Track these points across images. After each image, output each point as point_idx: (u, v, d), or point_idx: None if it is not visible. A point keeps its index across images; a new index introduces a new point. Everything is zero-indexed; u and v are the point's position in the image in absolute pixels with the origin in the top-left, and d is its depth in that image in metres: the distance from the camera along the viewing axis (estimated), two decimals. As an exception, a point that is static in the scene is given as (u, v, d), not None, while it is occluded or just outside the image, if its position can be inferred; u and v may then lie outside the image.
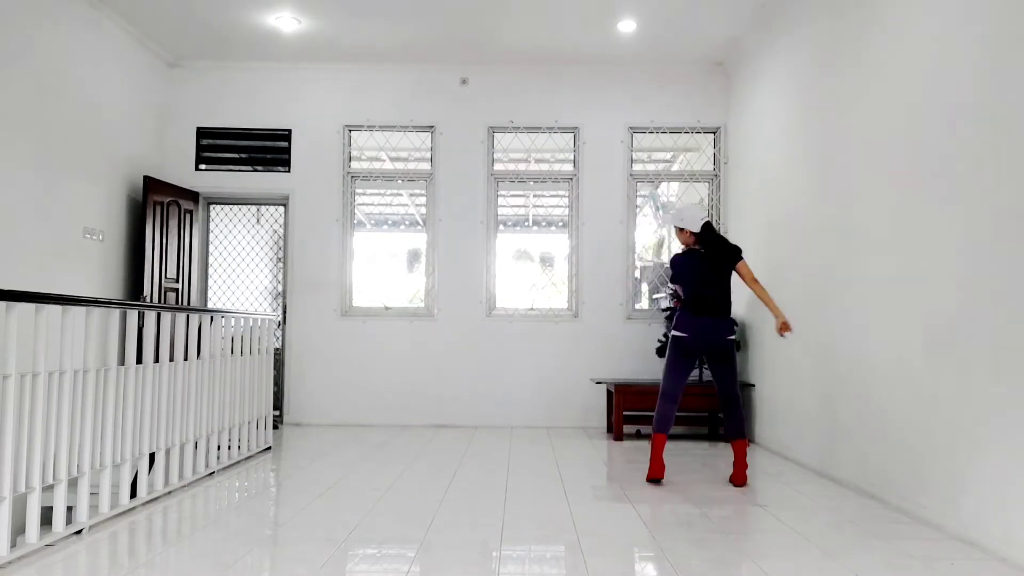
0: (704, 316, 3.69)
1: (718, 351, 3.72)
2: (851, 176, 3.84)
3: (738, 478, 3.75)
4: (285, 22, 5.38)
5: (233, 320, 4.33)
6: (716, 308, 3.70)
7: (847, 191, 3.88)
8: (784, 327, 3.66)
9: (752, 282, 3.72)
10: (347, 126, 6.23)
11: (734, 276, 3.80)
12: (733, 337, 3.74)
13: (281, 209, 6.37)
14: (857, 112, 3.79)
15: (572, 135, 6.25)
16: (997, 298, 2.68)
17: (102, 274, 5.25)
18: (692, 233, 3.79)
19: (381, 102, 6.18)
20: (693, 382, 5.51)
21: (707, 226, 3.81)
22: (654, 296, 6.53)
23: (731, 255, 3.75)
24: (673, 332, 3.75)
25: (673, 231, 3.89)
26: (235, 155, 6.24)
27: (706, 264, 3.75)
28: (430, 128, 6.24)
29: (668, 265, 3.94)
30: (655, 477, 3.76)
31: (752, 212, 5.48)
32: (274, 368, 5.24)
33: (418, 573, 2.39)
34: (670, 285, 5.90)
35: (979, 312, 2.78)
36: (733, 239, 5.88)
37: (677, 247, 6.16)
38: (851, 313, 3.79)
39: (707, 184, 6.22)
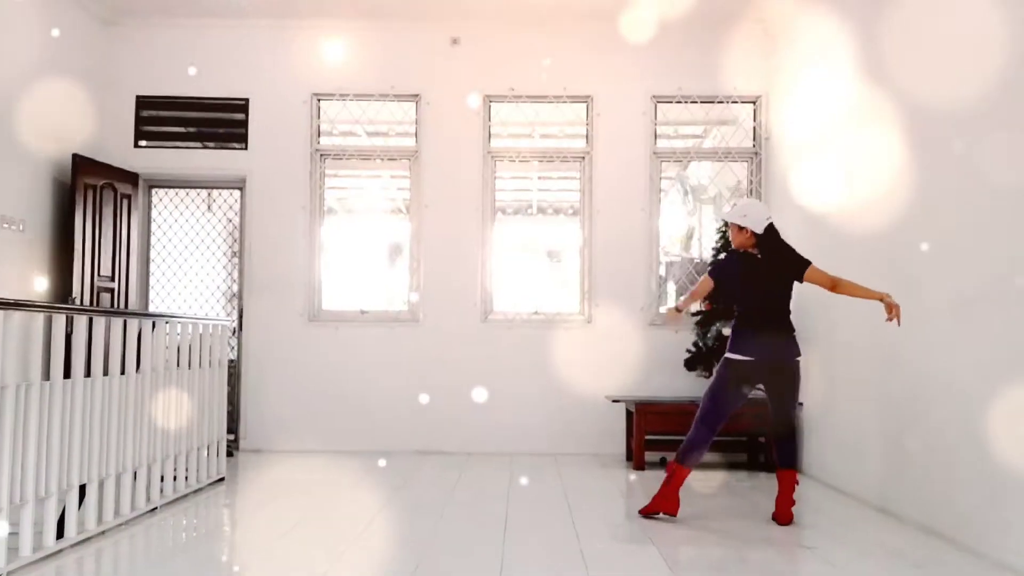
0: (769, 334, 3.72)
1: (783, 373, 3.76)
2: (929, 162, 3.75)
3: (782, 515, 3.76)
4: (242, -30, 5.41)
5: (179, 326, 4.33)
6: (781, 324, 3.75)
7: (922, 181, 3.81)
8: (892, 309, 3.55)
9: (835, 285, 3.71)
10: (315, 95, 6.23)
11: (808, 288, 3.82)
12: (800, 357, 3.78)
13: (237, 194, 6.36)
14: (937, 78, 3.70)
15: (584, 106, 6.24)
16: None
17: (23, 271, 5.23)
18: (753, 234, 3.78)
19: (356, 66, 6.18)
20: None
21: (771, 228, 3.82)
22: (682, 297, 6.53)
23: (797, 264, 3.75)
24: (730, 355, 3.74)
25: (730, 229, 3.90)
26: (182, 129, 6.22)
27: (768, 272, 3.76)
28: (414, 97, 6.23)
29: (712, 265, 3.93)
30: (660, 512, 3.78)
31: (799, 198, 5.47)
32: (228, 384, 5.23)
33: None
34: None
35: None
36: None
37: (710, 238, 6.32)
38: (922, 325, 3.77)
39: (745, 163, 6.22)
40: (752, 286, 3.76)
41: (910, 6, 3.95)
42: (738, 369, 3.73)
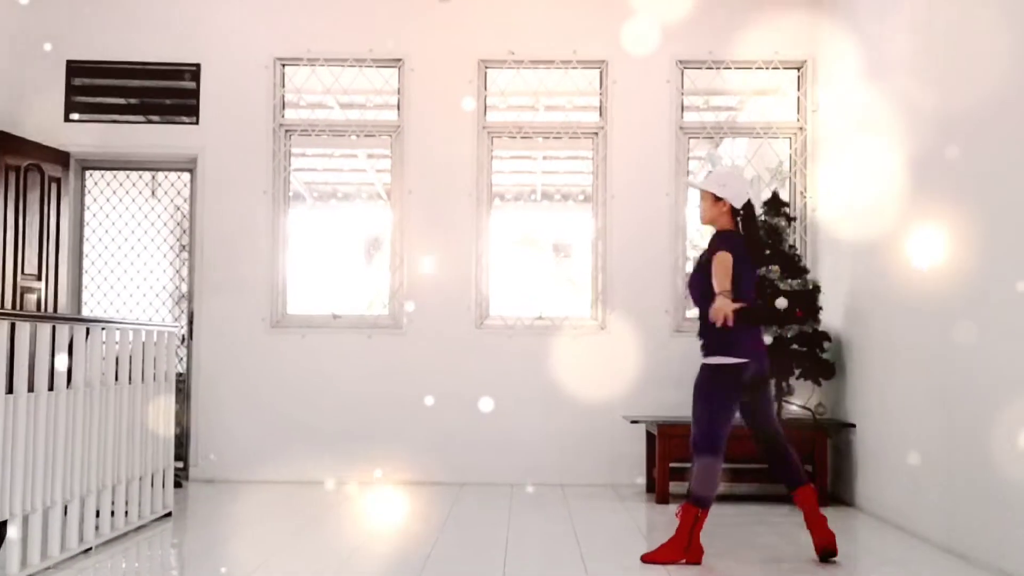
0: (760, 334, 3.80)
1: (765, 379, 3.82)
2: (1012, 147, 3.69)
3: (824, 539, 3.77)
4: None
5: (118, 333, 4.30)
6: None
7: (1005, 167, 3.74)
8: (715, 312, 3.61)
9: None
10: (279, 59, 6.23)
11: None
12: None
13: (186, 176, 6.35)
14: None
15: (597, 72, 6.23)
16: None
17: (-67, 268, 5.24)
18: (732, 210, 3.80)
19: (327, 26, 6.18)
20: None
21: (750, 206, 3.86)
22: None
23: (762, 250, 3.83)
24: (727, 359, 3.72)
25: (702, 201, 3.90)
26: (121, 100, 6.20)
27: (751, 258, 3.84)
28: (396, 63, 6.22)
29: (721, 240, 3.82)
30: (674, 562, 3.76)
31: (853, 182, 5.45)
32: (177, 402, 5.19)
33: None
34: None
35: None
36: (827, 219, 5.93)
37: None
38: (993, 335, 3.76)
39: (788, 141, 6.22)
40: (752, 273, 3.82)
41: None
42: (738, 376, 3.74)
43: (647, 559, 3.79)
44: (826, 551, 3.80)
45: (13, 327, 3.49)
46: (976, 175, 3.96)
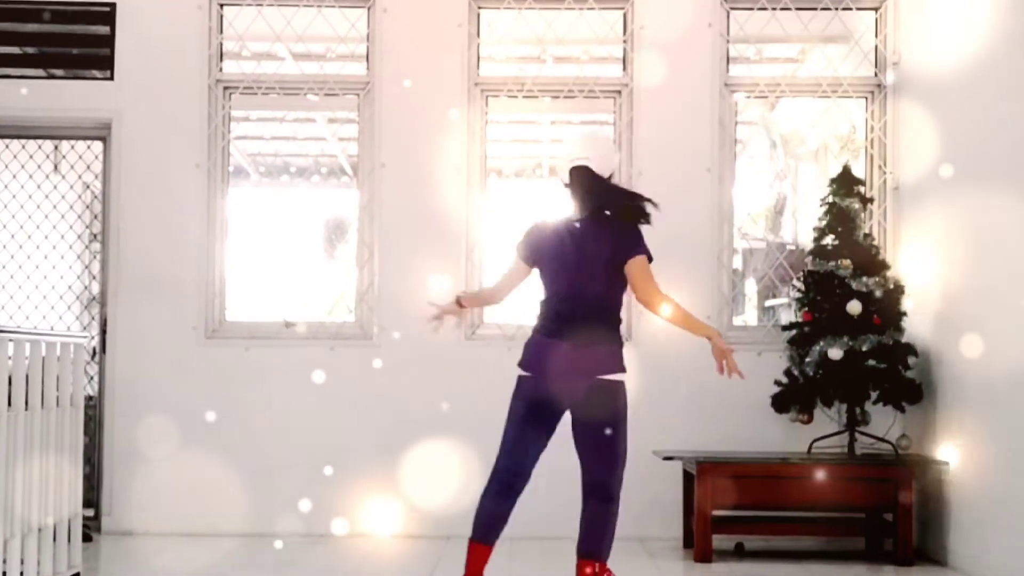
0: (560, 340, 3.85)
1: (582, 404, 3.86)
2: None
3: None
4: None
5: (11, 346, 4.25)
6: (586, 327, 3.85)
7: None
8: (724, 357, 3.98)
9: (647, 297, 3.95)
10: (215, -2, 6.29)
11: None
12: (611, 377, 3.87)
13: (98, 147, 6.35)
14: None
15: (620, 14, 6.25)
16: None
17: None
18: (565, 185, 3.98)
19: (277, -46, 6.23)
20: (840, 456, 5.55)
21: (580, 174, 3.94)
22: (767, 303, 6.51)
23: (629, 238, 3.94)
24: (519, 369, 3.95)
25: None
26: (15, 50, 6.20)
27: (582, 246, 3.89)
28: (366, 1, 6.24)
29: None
30: None
31: (948, 154, 5.38)
32: (86, 433, 5.14)
33: None
34: (796, 285, 5.91)
35: None
36: (912, 201, 5.95)
37: (809, 211, 6.26)
38: None
39: (864, 101, 6.22)
40: (561, 263, 3.92)
41: None
42: (519, 388, 3.95)
43: None
44: None
45: None
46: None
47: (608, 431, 3.87)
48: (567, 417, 3.97)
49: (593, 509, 3.98)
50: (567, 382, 3.85)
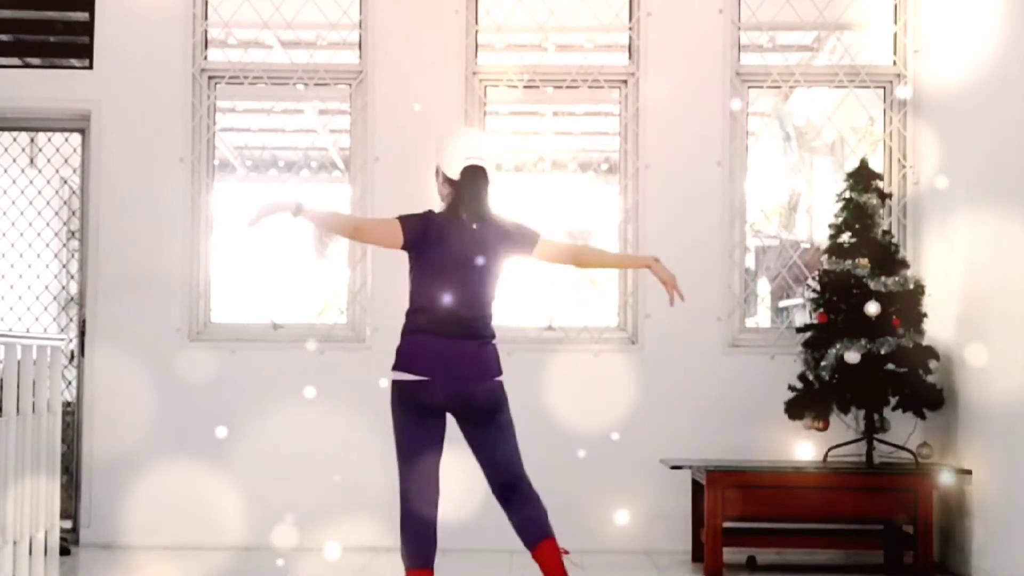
0: (457, 339, 3.84)
1: (483, 403, 3.91)
2: None
3: None
4: None
5: (-18, 350, 4.31)
6: (478, 327, 3.90)
7: None
8: (669, 284, 4.27)
9: (574, 253, 4.19)
10: (201, -18, 6.32)
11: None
12: (500, 378, 3.98)
13: (77, 139, 6.35)
14: None
15: (627, 0, 6.25)
16: None
17: None
18: (447, 180, 3.94)
19: (265, -64, 6.24)
20: (857, 465, 5.55)
21: (476, 174, 3.91)
22: (781, 303, 6.38)
23: (521, 230, 4.01)
24: (395, 376, 3.86)
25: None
26: (-11, 37, 6.28)
27: (484, 247, 3.88)
28: (359, -14, 6.29)
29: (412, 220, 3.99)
30: None
31: (972, 146, 5.39)
32: (64, 441, 5.21)
33: None
34: (811, 284, 5.93)
35: None
36: (933, 196, 5.92)
37: (827, 208, 6.24)
38: None
39: (882, 91, 6.23)
40: (452, 261, 3.86)
41: None
42: (410, 396, 3.84)
43: None
44: None
45: None
46: None
47: (511, 425, 4.04)
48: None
49: (530, 495, 4.03)
50: (471, 384, 3.90)
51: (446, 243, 3.84)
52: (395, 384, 3.84)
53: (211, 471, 5.95)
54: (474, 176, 3.91)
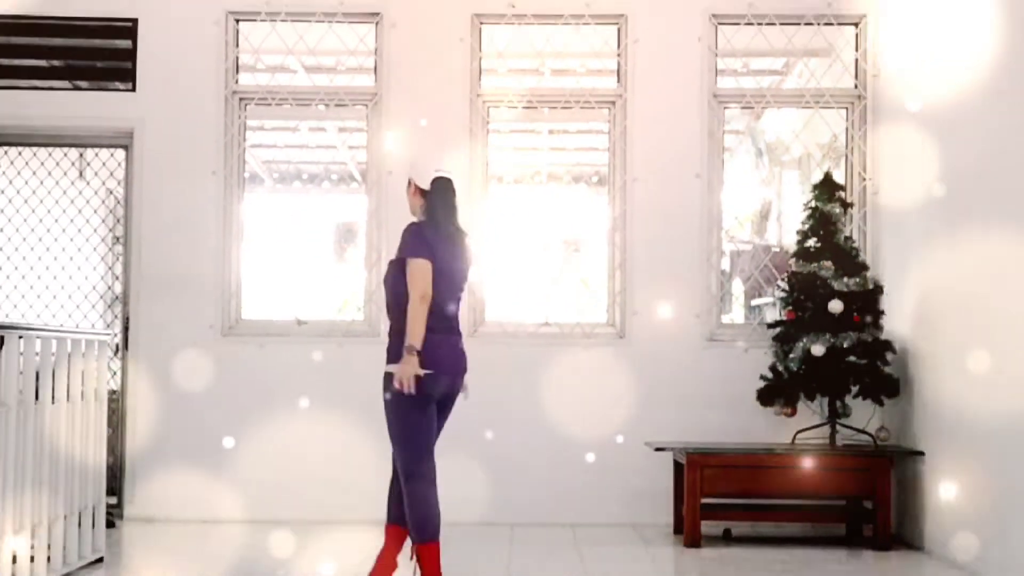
0: (451, 335, 3.98)
1: (457, 392, 4.09)
2: None
3: None
4: None
5: (38, 343, 4.27)
6: (458, 322, 4.07)
7: None
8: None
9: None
10: (231, 13, 6.27)
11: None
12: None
13: (121, 154, 6.34)
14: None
15: (615, 29, 6.25)
16: None
17: None
18: (418, 191, 4.02)
19: (290, -28, 6.23)
20: (822, 447, 5.59)
21: (446, 185, 4.03)
22: (753, 302, 6.49)
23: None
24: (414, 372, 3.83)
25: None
26: (42, 63, 6.20)
27: (463, 253, 4.06)
28: (374, 17, 6.26)
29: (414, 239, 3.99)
30: None
31: (926, 158, 5.35)
32: (109, 425, 5.19)
33: None
34: (780, 285, 5.94)
35: None
36: (890, 205, 5.94)
37: (795, 216, 6.27)
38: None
39: (844, 111, 6.23)
40: (454, 268, 3.99)
41: None
42: (432, 386, 3.88)
43: None
44: None
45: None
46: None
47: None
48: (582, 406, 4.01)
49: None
50: (460, 376, 4.07)
51: (437, 251, 3.87)
52: (415, 376, 3.80)
53: (238, 450, 5.97)
54: (446, 187, 4.00)
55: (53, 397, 4.35)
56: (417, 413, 3.92)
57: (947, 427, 5.09)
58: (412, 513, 3.90)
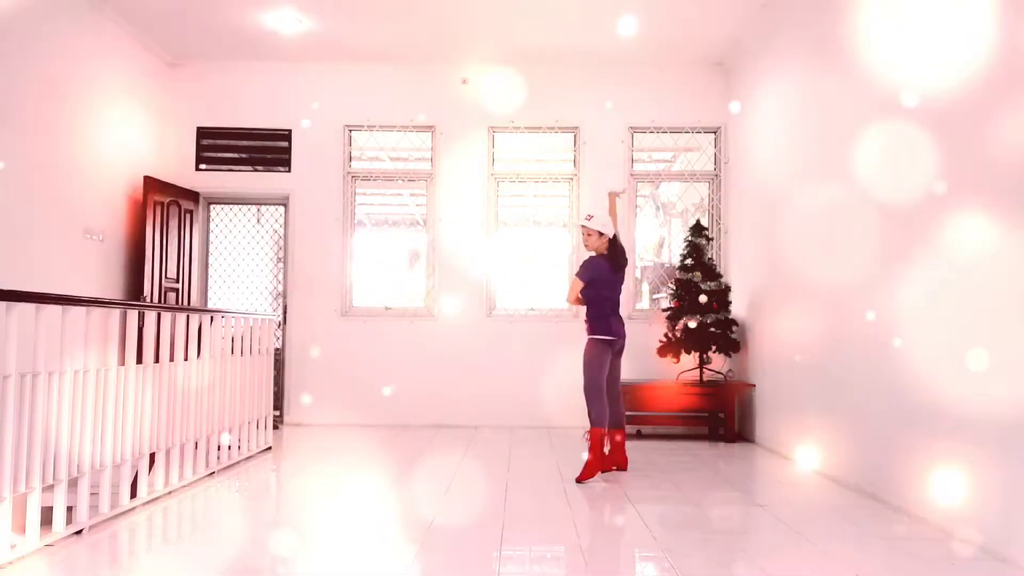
0: (618, 319, 4.02)
1: (623, 346, 4.11)
2: (851, 177, 3.83)
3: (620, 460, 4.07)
4: (286, 22, 5.38)
5: (233, 320, 4.32)
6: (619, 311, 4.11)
7: (846, 192, 3.85)
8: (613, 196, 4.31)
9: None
10: (347, 126, 6.21)
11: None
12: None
13: (281, 209, 6.37)
14: (856, 112, 3.78)
15: (572, 135, 6.26)
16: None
17: (102, 275, 5.24)
18: (601, 235, 4.04)
19: (381, 102, 6.17)
20: (694, 381, 5.56)
21: (616, 236, 4.12)
22: (654, 296, 6.49)
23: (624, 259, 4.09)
24: (602, 336, 3.94)
25: (587, 235, 4.11)
26: (235, 155, 6.23)
27: (616, 273, 4.05)
28: (430, 128, 6.21)
29: (582, 268, 3.98)
30: (600, 473, 3.93)
31: (752, 212, 5.48)
32: (275, 369, 5.21)
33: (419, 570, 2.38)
34: (670, 286, 5.91)
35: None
36: (734, 239, 5.92)
37: (678, 246, 6.34)
38: (845, 315, 3.78)
39: (707, 184, 6.22)
40: (611, 281, 4.02)
41: (838, 56, 3.95)
42: (610, 346, 3.96)
43: (580, 479, 3.83)
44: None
45: (159, 316, 3.53)
46: (833, 209, 3.96)
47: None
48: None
49: (615, 396, 4.12)
50: (624, 338, 4.05)
51: (599, 272, 3.96)
52: (599, 340, 3.92)
53: (351, 384, 5.96)
54: (616, 237, 4.08)
55: (242, 352, 4.41)
56: (601, 357, 3.94)
57: (768, 368, 5.11)
58: (591, 409, 3.88)
